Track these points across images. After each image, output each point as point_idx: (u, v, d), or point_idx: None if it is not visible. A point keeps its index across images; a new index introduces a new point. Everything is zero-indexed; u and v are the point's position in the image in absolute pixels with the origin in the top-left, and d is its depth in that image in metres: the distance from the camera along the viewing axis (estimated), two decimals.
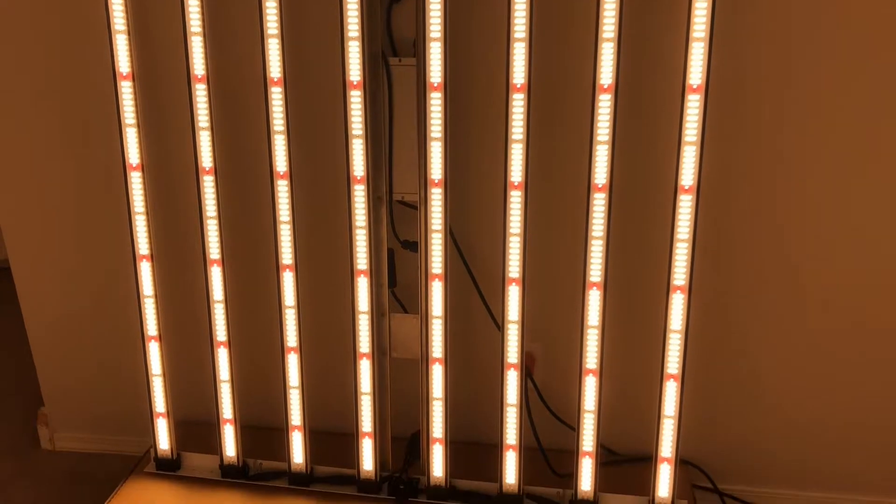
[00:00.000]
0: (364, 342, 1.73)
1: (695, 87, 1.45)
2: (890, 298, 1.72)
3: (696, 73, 1.44)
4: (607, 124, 1.49)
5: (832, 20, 1.55)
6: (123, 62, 1.65)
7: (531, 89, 1.50)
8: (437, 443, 1.74)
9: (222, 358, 1.81)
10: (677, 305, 1.58)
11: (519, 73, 1.49)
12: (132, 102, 1.68)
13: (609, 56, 1.46)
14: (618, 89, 1.47)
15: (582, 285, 1.59)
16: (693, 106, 1.46)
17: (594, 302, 1.60)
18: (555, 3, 1.58)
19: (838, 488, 1.90)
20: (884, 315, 1.74)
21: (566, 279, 1.76)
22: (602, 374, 1.63)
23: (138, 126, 1.70)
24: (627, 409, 1.82)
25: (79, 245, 1.98)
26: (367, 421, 1.77)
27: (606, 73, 1.46)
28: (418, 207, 1.64)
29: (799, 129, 1.63)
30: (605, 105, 1.48)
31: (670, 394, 1.62)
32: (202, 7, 1.59)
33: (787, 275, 1.74)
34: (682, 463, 1.85)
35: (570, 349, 1.65)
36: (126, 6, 1.63)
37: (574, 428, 1.68)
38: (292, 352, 1.77)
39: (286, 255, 1.71)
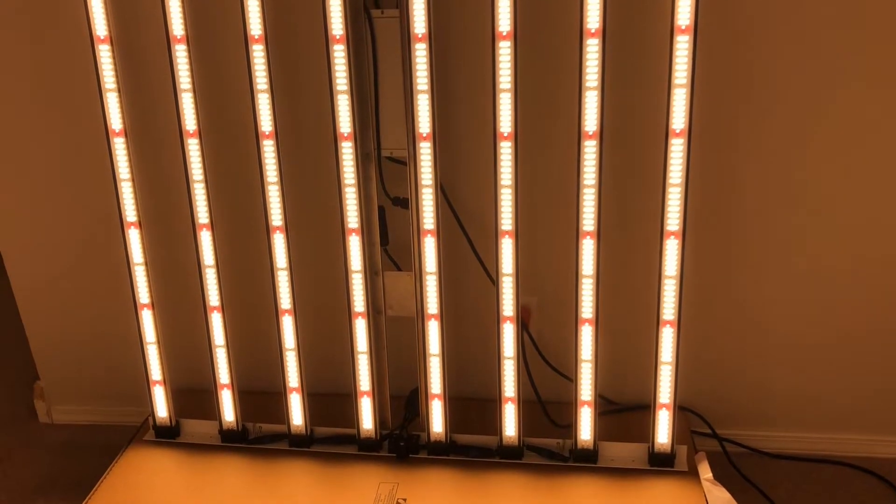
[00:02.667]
0: (358, 301, 1.72)
1: (683, 27, 1.42)
2: (890, 231, 1.72)
3: (683, 13, 1.42)
4: (596, 69, 1.47)
5: None
6: (100, 24, 1.62)
7: (517, 37, 1.47)
8: (436, 398, 1.74)
9: (216, 323, 1.80)
10: (671, 251, 1.57)
11: (504, 20, 1.46)
12: (111, 67, 1.65)
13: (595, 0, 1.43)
14: (605, 33, 1.45)
15: (575, 235, 1.58)
16: (682, 47, 1.43)
17: (588, 251, 1.59)
18: None
19: (836, 428, 1.92)
20: (885, 249, 1.73)
21: (559, 230, 1.75)
22: (598, 323, 1.63)
23: (119, 91, 1.66)
24: (624, 358, 1.82)
25: (66, 216, 1.96)
26: (364, 380, 1.77)
27: (593, 17, 1.44)
28: (407, 163, 1.62)
29: (794, 67, 1.61)
30: (592, 50, 1.46)
31: (667, 340, 1.62)
32: None
33: (781, 216, 1.74)
34: (681, 409, 1.86)
35: (566, 301, 1.64)
36: None
37: (572, 379, 1.69)
38: (287, 314, 1.76)
39: (276, 216, 1.69)
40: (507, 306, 1.66)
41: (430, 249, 1.66)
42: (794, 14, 1.57)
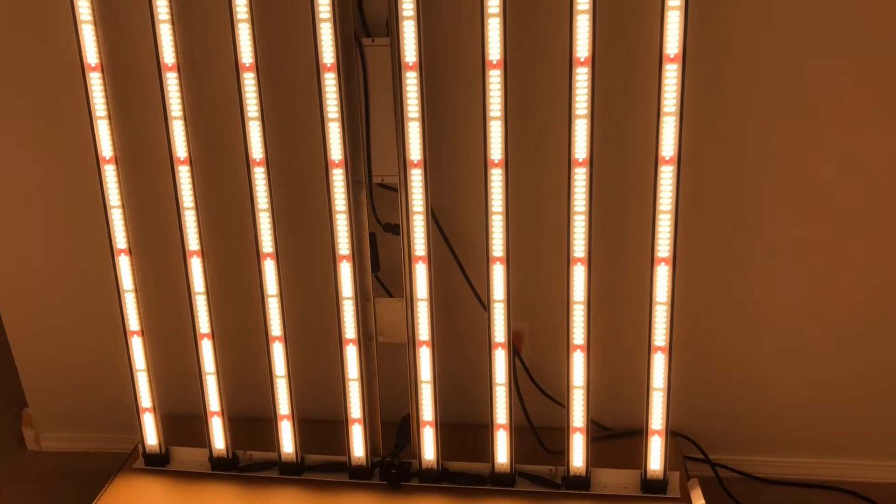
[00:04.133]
0: (349, 328, 1.72)
1: (672, 56, 1.43)
2: (875, 263, 1.73)
3: (672, 42, 1.43)
4: (585, 97, 1.47)
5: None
6: (91, 53, 1.62)
7: (507, 65, 1.48)
8: (428, 426, 1.74)
9: (206, 350, 1.79)
10: (662, 277, 1.57)
11: (494, 48, 1.47)
12: (102, 94, 1.65)
13: (585, 29, 1.44)
14: (594, 62, 1.46)
15: (566, 261, 1.58)
16: (671, 75, 1.44)
17: (579, 278, 1.59)
18: None
19: (829, 453, 1.91)
20: (871, 280, 1.74)
21: (550, 256, 1.75)
22: (590, 349, 1.63)
23: (109, 118, 1.66)
24: (616, 384, 1.81)
25: (56, 242, 1.95)
26: (355, 407, 1.76)
27: (582, 46, 1.45)
28: (398, 189, 1.62)
29: (782, 94, 1.62)
30: (582, 78, 1.46)
31: (658, 366, 1.62)
32: None
33: (772, 241, 1.74)
34: (673, 435, 1.85)
35: (558, 326, 1.64)
36: None
37: (564, 405, 1.68)
38: (277, 341, 1.75)
39: (266, 243, 1.69)
40: (499, 332, 1.66)
41: (421, 276, 1.66)
42: (783, 41, 1.59)
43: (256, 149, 1.62)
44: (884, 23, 1.55)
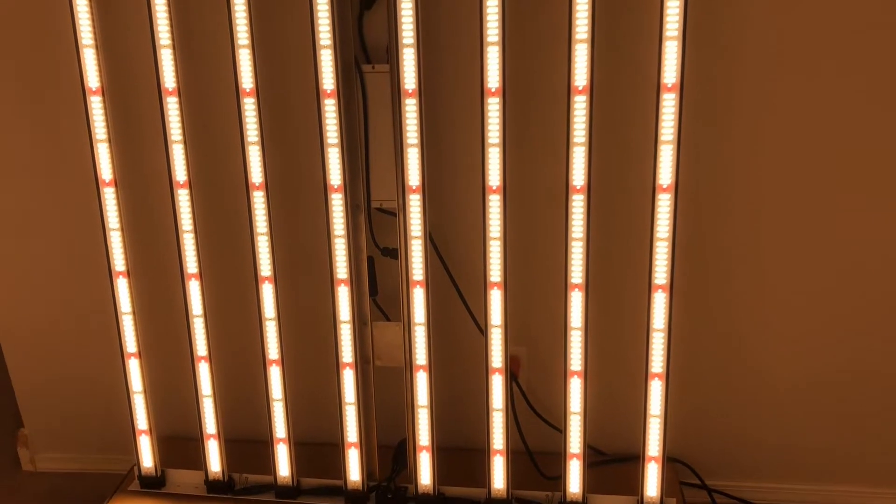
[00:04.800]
0: (347, 352, 1.72)
1: (669, 85, 1.44)
2: (872, 293, 1.73)
3: (670, 71, 1.44)
4: (583, 126, 1.48)
5: (812, 21, 1.55)
6: (92, 77, 1.63)
7: (506, 93, 1.49)
8: (424, 450, 1.73)
9: (203, 372, 1.79)
10: (659, 304, 1.57)
11: (493, 77, 1.49)
12: (102, 117, 1.65)
13: (583, 58, 1.45)
14: (593, 90, 1.47)
15: (564, 287, 1.59)
16: (668, 105, 1.46)
17: (576, 304, 1.60)
18: (527, 7, 1.57)
19: (825, 479, 1.91)
20: (867, 310, 1.75)
21: (548, 281, 1.75)
22: (587, 375, 1.63)
23: (109, 141, 1.67)
24: (613, 409, 1.82)
25: (55, 263, 1.95)
26: (352, 431, 1.76)
27: (581, 74, 1.46)
28: (397, 214, 1.63)
29: (776, 125, 1.63)
30: (580, 106, 1.48)
31: (655, 393, 1.62)
32: (170, 19, 1.57)
33: (769, 268, 1.75)
34: (670, 461, 1.85)
35: (555, 351, 1.65)
36: (93, 20, 1.60)
37: (561, 430, 1.68)
38: (274, 364, 1.75)
39: (264, 266, 1.69)
40: (496, 358, 1.66)
41: (418, 300, 1.66)
42: (783, 71, 1.60)
43: (256, 173, 1.63)
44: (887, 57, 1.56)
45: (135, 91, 1.73)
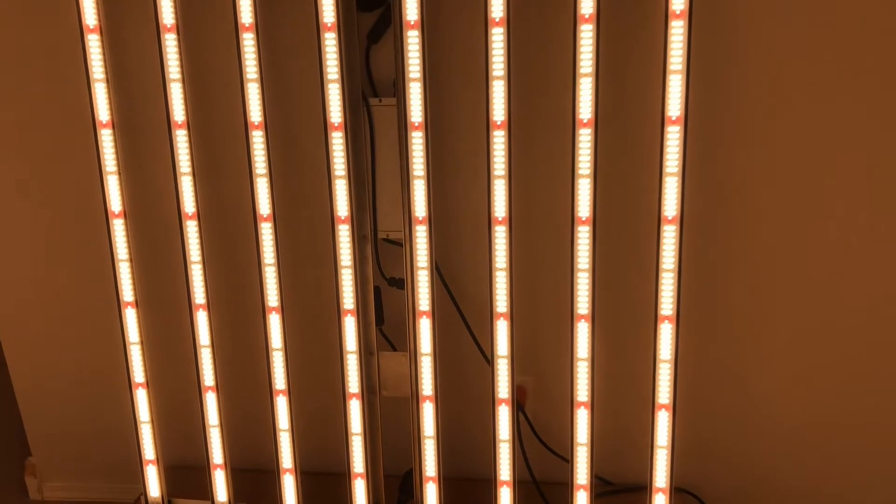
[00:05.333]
0: (353, 382, 1.72)
1: (674, 118, 1.46)
2: (881, 331, 1.73)
3: (674, 104, 1.45)
4: (588, 158, 1.50)
5: (811, 50, 1.56)
6: (103, 110, 1.65)
7: (511, 126, 1.51)
8: (431, 481, 1.73)
9: (210, 402, 1.79)
10: (665, 335, 1.57)
11: (499, 110, 1.50)
12: (112, 150, 1.68)
13: (588, 91, 1.46)
14: (597, 123, 1.48)
15: (570, 318, 1.59)
16: (673, 137, 1.47)
17: (583, 334, 1.60)
18: (532, 41, 1.58)
19: None
20: (876, 348, 1.74)
21: (555, 311, 1.75)
22: (594, 406, 1.63)
23: (119, 173, 1.69)
24: (620, 440, 1.81)
25: (63, 294, 1.96)
26: (358, 461, 1.76)
27: (586, 107, 1.47)
28: (403, 245, 1.64)
29: (780, 156, 1.64)
30: (585, 139, 1.49)
31: (662, 424, 1.62)
32: (180, 53, 1.59)
33: (775, 300, 1.74)
34: (677, 491, 1.84)
35: (562, 380, 1.65)
36: (104, 54, 1.63)
37: (568, 460, 1.68)
38: (281, 394, 1.75)
39: (272, 297, 1.70)
40: (503, 388, 1.66)
41: (425, 330, 1.66)
42: (784, 104, 1.61)
43: (264, 204, 1.64)
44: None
45: (145, 124, 1.74)
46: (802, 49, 1.55)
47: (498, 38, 1.46)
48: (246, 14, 1.54)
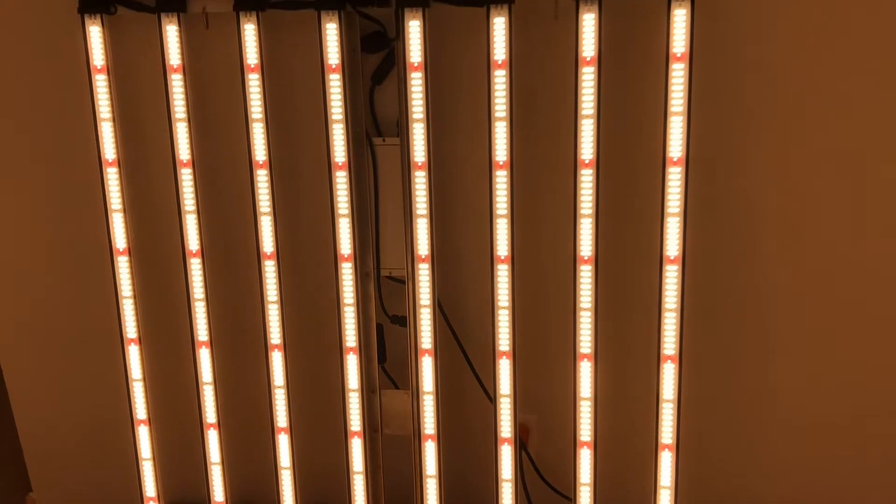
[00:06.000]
0: (355, 420, 1.72)
1: (675, 160, 1.46)
2: (888, 368, 1.73)
3: (675, 146, 1.46)
4: (590, 198, 1.51)
5: (804, 96, 1.57)
6: (109, 149, 1.67)
7: (514, 166, 1.52)
8: None
9: (212, 440, 1.79)
10: (669, 375, 1.57)
11: (501, 150, 1.51)
12: (118, 187, 1.69)
13: (589, 132, 1.48)
14: (599, 164, 1.49)
15: (573, 357, 1.59)
16: (674, 178, 1.48)
17: (586, 374, 1.60)
18: (534, 83, 1.59)
19: None
20: (882, 385, 1.73)
21: (558, 350, 1.75)
22: (597, 445, 1.62)
23: (124, 211, 1.70)
24: (624, 479, 1.79)
25: (65, 330, 1.96)
26: (360, 500, 1.75)
27: (587, 148, 1.48)
28: (406, 282, 1.64)
29: (781, 198, 1.64)
30: (587, 179, 1.50)
31: (665, 464, 1.61)
32: (186, 93, 1.61)
33: (778, 339, 1.74)
34: None
35: (565, 419, 1.64)
36: (111, 94, 1.65)
37: (571, 500, 1.66)
38: (282, 432, 1.75)
39: (274, 334, 1.70)
40: (506, 427, 1.65)
41: (427, 369, 1.66)
42: (784, 139, 1.61)
43: (267, 242, 1.65)
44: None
45: (150, 162, 1.75)
46: (804, 90, 1.56)
47: (500, 80, 1.48)
48: (251, 55, 1.57)
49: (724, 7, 1.51)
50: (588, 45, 1.44)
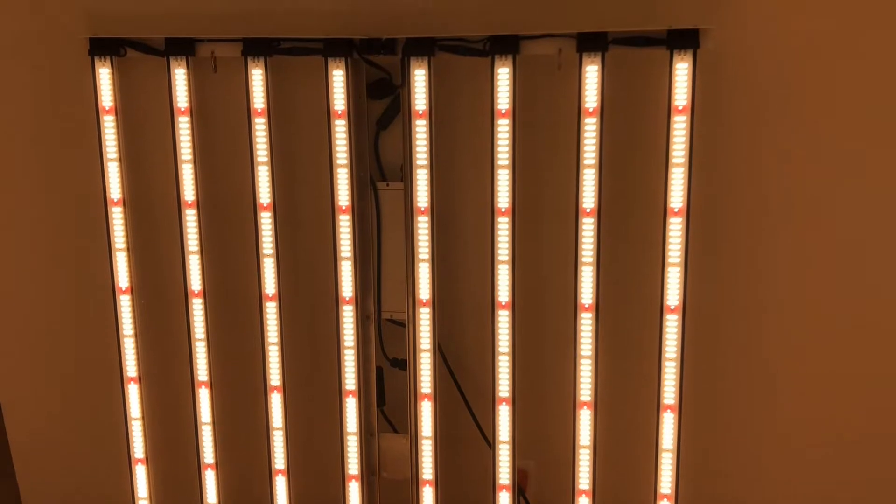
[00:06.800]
0: (353, 463, 1.71)
1: (676, 210, 1.48)
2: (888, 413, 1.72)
3: (676, 196, 1.48)
4: (591, 247, 1.52)
5: (804, 147, 1.58)
6: (114, 188, 1.68)
7: (515, 213, 1.53)
8: None
9: (210, 480, 1.78)
10: (668, 424, 1.57)
11: (503, 197, 1.53)
12: (122, 227, 1.70)
13: (591, 181, 1.49)
14: (600, 213, 1.50)
15: (573, 404, 1.59)
16: (675, 228, 1.49)
17: (585, 422, 1.59)
18: (537, 131, 1.61)
19: None
20: (876, 395, 1.72)
21: (558, 396, 1.74)
22: (595, 494, 1.61)
23: (128, 250, 1.71)
24: None
25: (67, 366, 1.96)
26: None
27: (589, 197, 1.50)
28: (406, 326, 1.64)
29: (779, 250, 1.65)
30: (588, 228, 1.51)
31: None
32: (192, 135, 1.63)
33: (776, 389, 1.73)
34: None
35: (564, 466, 1.63)
36: (118, 135, 1.66)
37: None
38: (280, 474, 1.74)
39: (274, 376, 1.70)
40: (504, 474, 1.65)
41: (426, 413, 1.66)
42: (783, 199, 1.63)
43: (269, 283, 1.66)
44: None
45: (155, 203, 1.76)
46: (804, 140, 1.58)
47: (504, 129, 1.50)
48: (258, 99, 1.59)
49: (726, 61, 1.53)
50: (591, 96, 1.46)
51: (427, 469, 1.67)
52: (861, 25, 1.50)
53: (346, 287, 1.64)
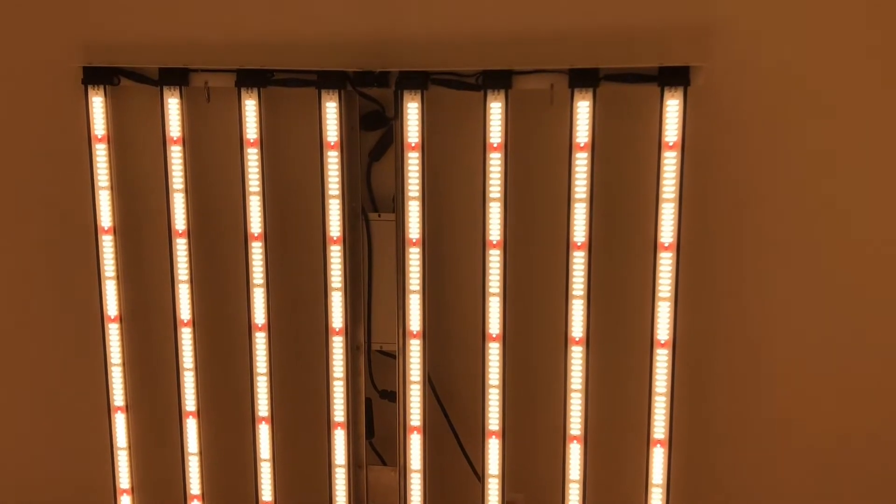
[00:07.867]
0: (340, 496, 1.70)
1: (666, 245, 1.48)
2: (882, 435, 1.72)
3: (667, 231, 1.48)
4: (582, 280, 1.52)
5: (792, 183, 1.60)
6: (105, 216, 1.68)
7: (507, 245, 1.53)
8: None
9: None
10: (658, 459, 1.56)
11: (495, 230, 1.53)
12: (112, 255, 1.69)
13: (582, 215, 1.50)
14: (591, 246, 1.51)
15: (563, 438, 1.58)
16: (665, 263, 1.49)
17: (575, 455, 1.59)
18: (529, 166, 1.62)
19: None
20: (869, 437, 1.72)
21: (547, 430, 1.73)
22: None
23: (118, 278, 1.70)
24: None
25: (53, 395, 1.94)
26: None
27: (579, 231, 1.50)
28: (396, 357, 1.64)
29: (772, 281, 1.65)
30: (579, 261, 1.51)
31: None
32: (185, 164, 1.63)
33: (771, 420, 1.73)
34: None
35: (554, 499, 1.62)
36: (110, 163, 1.66)
37: None
38: None
39: (262, 407, 1.69)
40: None
41: (415, 446, 1.65)
42: (778, 227, 1.63)
43: (259, 314, 1.65)
44: None
45: (146, 231, 1.75)
46: (794, 176, 1.59)
47: (495, 162, 1.51)
48: (251, 130, 1.59)
49: (716, 97, 1.55)
50: (582, 131, 1.47)
51: (416, 502, 1.66)
52: (851, 62, 1.52)
53: (336, 318, 1.63)
